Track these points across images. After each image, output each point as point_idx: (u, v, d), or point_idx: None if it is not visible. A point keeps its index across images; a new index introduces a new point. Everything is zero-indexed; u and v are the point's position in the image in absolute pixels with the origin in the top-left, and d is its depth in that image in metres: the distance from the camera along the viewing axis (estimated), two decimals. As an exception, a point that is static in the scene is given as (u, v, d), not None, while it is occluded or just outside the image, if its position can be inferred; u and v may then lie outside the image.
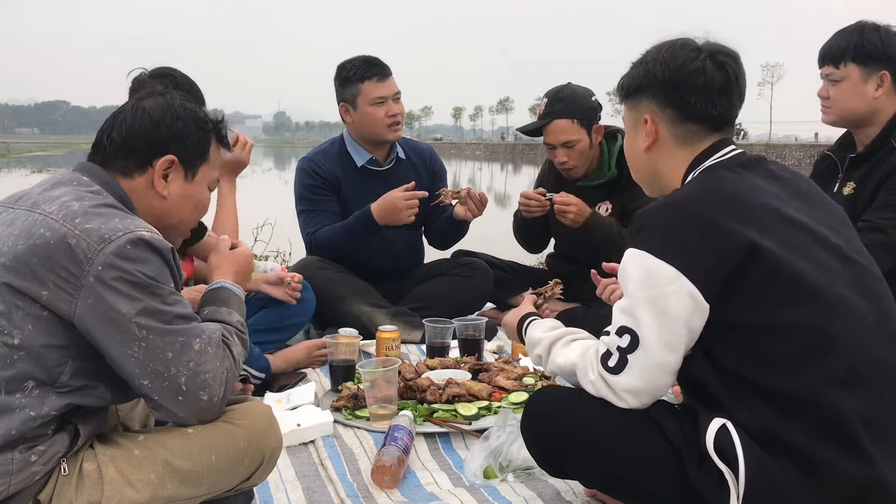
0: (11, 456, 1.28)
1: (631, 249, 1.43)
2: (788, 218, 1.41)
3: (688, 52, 1.53)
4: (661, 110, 1.56)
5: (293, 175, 3.56)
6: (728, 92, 1.52)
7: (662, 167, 1.60)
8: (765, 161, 1.55)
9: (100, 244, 1.30)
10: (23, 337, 1.29)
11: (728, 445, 1.34)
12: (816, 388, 1.33)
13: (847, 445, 1.32)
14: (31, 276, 1.29)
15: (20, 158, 23.07)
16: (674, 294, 1.36)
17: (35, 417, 1.29)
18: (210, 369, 1.38)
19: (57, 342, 1.31)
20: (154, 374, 1.34)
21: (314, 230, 3.34)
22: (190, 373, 1.36)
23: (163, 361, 1.34)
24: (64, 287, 1.29)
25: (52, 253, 1.29)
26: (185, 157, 1.53)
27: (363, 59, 3.35)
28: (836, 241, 1.44)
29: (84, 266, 1.29)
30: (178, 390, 1.36)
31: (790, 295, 1.35)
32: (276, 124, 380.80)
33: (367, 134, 3.39)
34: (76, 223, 1.31)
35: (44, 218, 1.33)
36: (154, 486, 1.38)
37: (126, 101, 1.57)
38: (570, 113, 3.22)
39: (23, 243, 1.31)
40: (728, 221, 1.36)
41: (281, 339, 2.91)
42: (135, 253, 1.32)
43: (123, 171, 1.50)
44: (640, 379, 1.42)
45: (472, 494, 1.85)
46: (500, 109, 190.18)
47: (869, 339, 1.37)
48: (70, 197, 1.37)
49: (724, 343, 1.39)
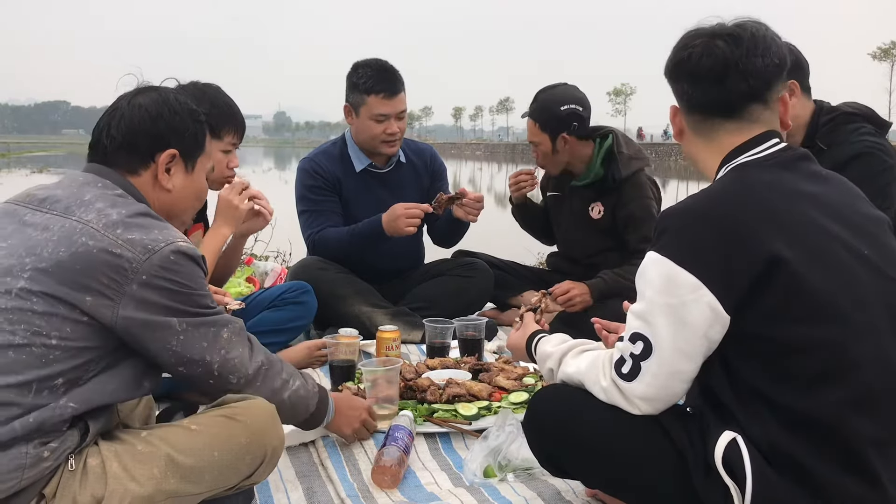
0: (26, 450, 1.30)
1: (652, 253, 1.39)
2: (820, 226, 1.35)
3: (685, 41, 1.49)
4: (678, 101, 1.55)
5: (294, 175, 3.56)
6: (720, 76, 1.43)
7: (697, 158, 1.56)
8: (808, 159, 1.47)
9: (144, 255, 1.39)
10: (60, 338, 1.34)
11: (737, 461, 1.32)
12: (832, 410, 1.30)
13: (858, 470, 1.30)
14: (74, 283, 1.34)
15: (20, 158, 23.07)
16: (694, 303, 1.32)
17: (56, 414, 1.33)
18: (237, 354, 1.54)
19: (91, 344, 1.37)
20: (190, 363, 1.48)
21: (317, 230, 3.34)
22: (221, 359, 1.51)
23: (198, 351, 1.48)
24: (107, 294, 1.36)
25: (96, 262, 1.36)
26: (185, 150, 1.59)
27: (378, 68, 3.29)
28: (869, 254, 1.38)
29: (129, 275, 1.37)
30: (211, 375, 1.52)
31: (812, 313, 1.31)
32: (276, 124, 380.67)
33: (363, 144, 3.40)
34: (118, 233, 1.39)
35: (83, 226, 1.39)
36: (157, 481, 1.40)
37: (119, 98, 1.59)
38: (535, 115, 3.26)
39: (64, 250, 1.35)
40: (753, 230, 1.32)
41: (283, 342, 2.91)
42: (176, 264, 1.42)
43: (128, 168, 1.54)
44: (652, 387, 1.39)
45: (473, 494, 1.85)
46: (500, 109, 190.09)
47: (890, 362, 1.34)
48: (104, 204, 1.43)
49: (743, 355, 1.35)
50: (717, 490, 1.34)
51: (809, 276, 1.31)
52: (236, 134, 2.54)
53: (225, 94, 2.54)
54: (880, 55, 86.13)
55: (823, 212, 1.38)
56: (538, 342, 1.79)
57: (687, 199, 1.45)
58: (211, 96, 2.46)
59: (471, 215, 3.30)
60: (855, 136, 2.37)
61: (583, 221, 3.42)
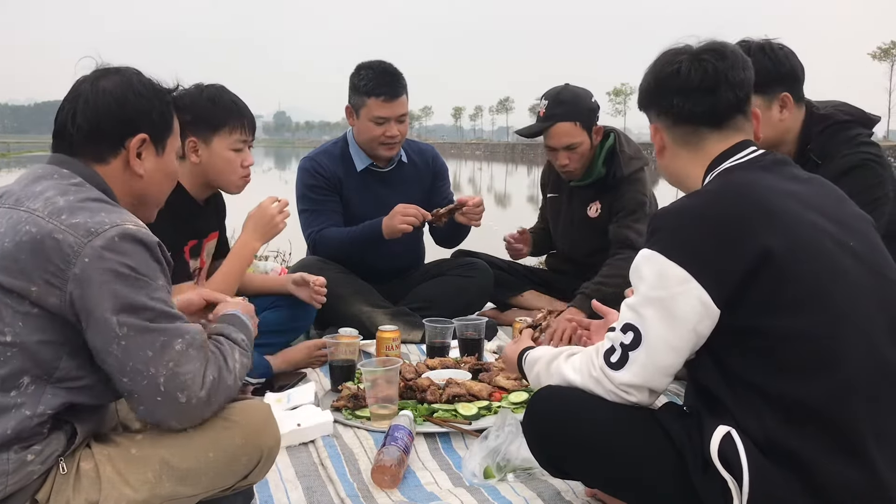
0: (7, 456, 1.28)
1: (645, 250, 1.44)
2: (807, 221, 1.40)
3: (669, 57, 1.56)
4: (658, 118, 1.60)
5: (293, 175, 3.56)
6: (711, 87, 1.51)
7: (679, 172, 1.61)
8: (788, 163, 1.55)
9: (86, 237, 1.30)
10: (14, 334, 1.29)
11: (732, 454, 1.33)
12: (825, 398, 1.32)
13: (854, 456, 1.31)
14: (19, 273, 1.29)
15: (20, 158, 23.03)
16: (683, 296, 1.36)
17: (31, 416, 1.29)
18: (189, 370, 1.36)
19: (50, 338, 1.31)
20: (133, 373, 1.32)
21: (317, 230, 3.34)
22: (169, 373, 1.34)
23: (142, 360, 1.32)
24: (52, 282, 1.29)
25: (39, 249, 1.29)
26: (155, 133, 1.53)
27: (380, 70, 3.28)
28: (856, 246, 1.42)
29: (71, 259, 1.29)
30: (157, 390, 1.34)
31: (802, 302, 1.34)
32: (276, 124, 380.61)
33: (363, 145, 3.40)
34: (62, 219, 1.31)
35: (29, 215, 1.33)
36: (151, 485, 1.38)
37: (80, 81, 1.51)
38: (572, 116, 3.19)
39: (9, 241, 1.31)
40: (744, 226, 1.36)
41: (284, 342, 2.91)
42: (122, 246, 1.32)
43: (97, 156, 1.48)
44: (638, 377, 1.43)
45: (473, 494, 1.85)
46: (500, 109, 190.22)
47: (880, 347, 1.36)
48: (54, 192, 1.36)
49: (734, 348, 1.38)
50: (715, 486, 1.35)
51: (799, 267, 1.34)
52: (244, 130, 2.47)
53: (229, 92, 2.50)
54: (880, 55, 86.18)
55: (809, 208, 1.42)
56: (528, 352, 1.79)
57: (679, 199, 1.50)
58: (211, 94, 2.44)
59: (473, 221, 3.29)
60: (849, 147, 2.30)
61: (581, 221, 3.42)
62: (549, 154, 3.36)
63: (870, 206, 2.22)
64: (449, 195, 3.64)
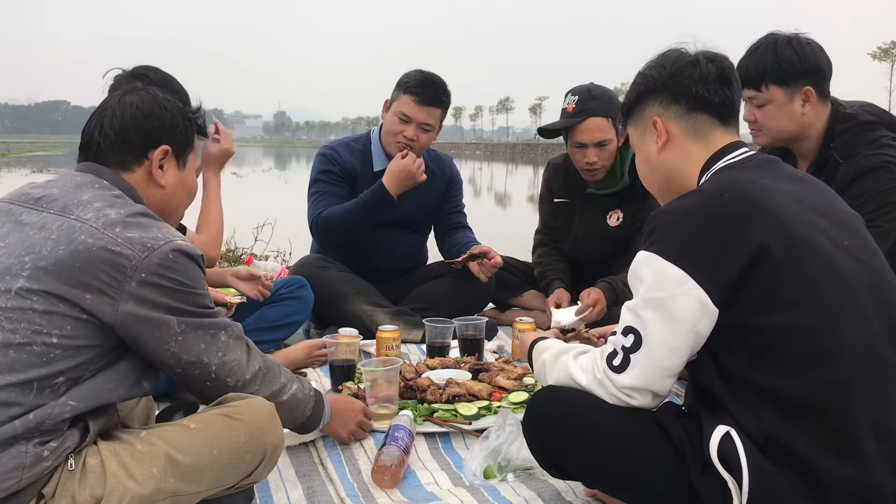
0: (26, 449, 1.30)
1: (643, 252, 1.44)
2: (802, 219, 1.40)
3: (679, 54, 1.60)
4: (665, 108, 1.59)
5: (293, 175, 3.55)
6: (726, 82, 1.56)
7: (679, 167, 1.61)
8: (779, 162, 1.57)
9: (143, 252, 1.40)
10: (61, 336, 1.34)
11: (731, 454, 1.33)
12: (822, 394, 1.32)
13: (853, 452, 1.31)
14: (74, 281, 1.35)
15: (20, 158, 23.07)
16: (681, 297, 1.36)
17: (56, 414, 1.33)
18: (235, 357, 1.55)
19: (91, 342, 1.38)
20: (188, 365, 1.48)
21: (320, 212, 3.31)
22: (219, 361, 1.52)
23: (195, 353, 1.49)
24: (107, 291, 1.37)
25: (95, 260, 1.36)
26: (177, 146, 1.62)
27: (425, 76, 3.30)
28: (850, 243, 1.43)
29: (128, 272, 1.38)
30: (209, 377, 1.52)
31: (799, 299, 1.35)
32: (276, 124, 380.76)
33: (383, 139, 3.41)
34: (116, 231, 1.40)
35: (82, 224, 1.40)
36: (156, 480, 1.39)
37: (107, 99, 1.62)
38: (605, 111, 3.10)
39: (63, 248, 1.37)
40: (740, 224, 1.36)
41: (279, 338, 2.92)
42: (175, 262, 1.43)
43: (122, 165, 1.56)
44: (640, 379, 1.43)
45: (473, 494, 1.85)
46: (500, 109, 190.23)
47: (876, 344, 1.37)
48: (101, 203, 1.45)
49: (732, 347, 1.38)
50: (715, 486, 1.35)
51: (795, 264, 1.35)
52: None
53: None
54: (880, 55, 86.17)
55: (803, 206, 1.43)
56: (540, 342, 1.80)
57: (676, 199, 1.50)
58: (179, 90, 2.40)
59: (482, 274, 3.29)
60: (871, 148, 2.29)
61: (598, 229, 3.35)
62: (574, 152, 3.22)
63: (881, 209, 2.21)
64: (460, 206, 3.66)
